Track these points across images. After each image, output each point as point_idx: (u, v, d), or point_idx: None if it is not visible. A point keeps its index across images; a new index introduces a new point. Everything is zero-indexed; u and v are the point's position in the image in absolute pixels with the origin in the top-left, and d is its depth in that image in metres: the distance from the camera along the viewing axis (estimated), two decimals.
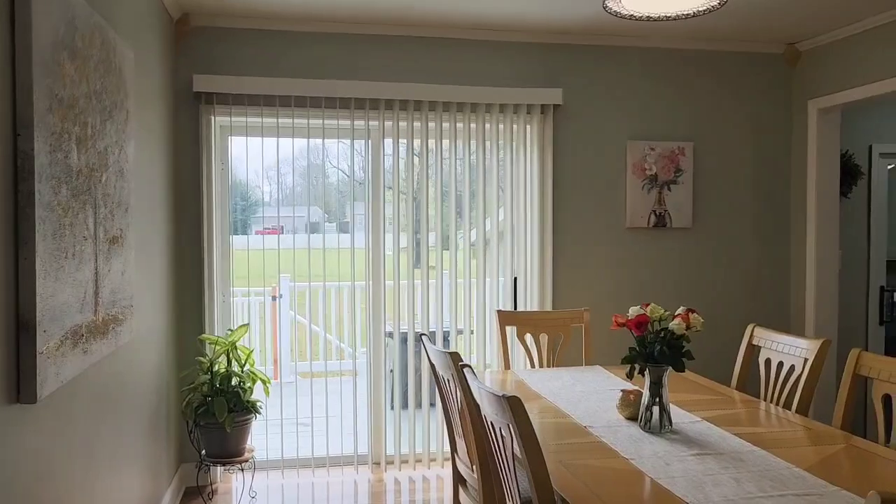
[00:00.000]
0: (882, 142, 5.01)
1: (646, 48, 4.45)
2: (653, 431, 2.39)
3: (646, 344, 2.40)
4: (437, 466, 4.34)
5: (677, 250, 4.55)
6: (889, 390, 2.39)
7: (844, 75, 4.26)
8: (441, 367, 2.73)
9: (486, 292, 4.35)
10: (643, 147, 4.46)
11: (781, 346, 2.95)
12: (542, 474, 1.84)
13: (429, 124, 4.24)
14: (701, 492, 1.85)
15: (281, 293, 6.64)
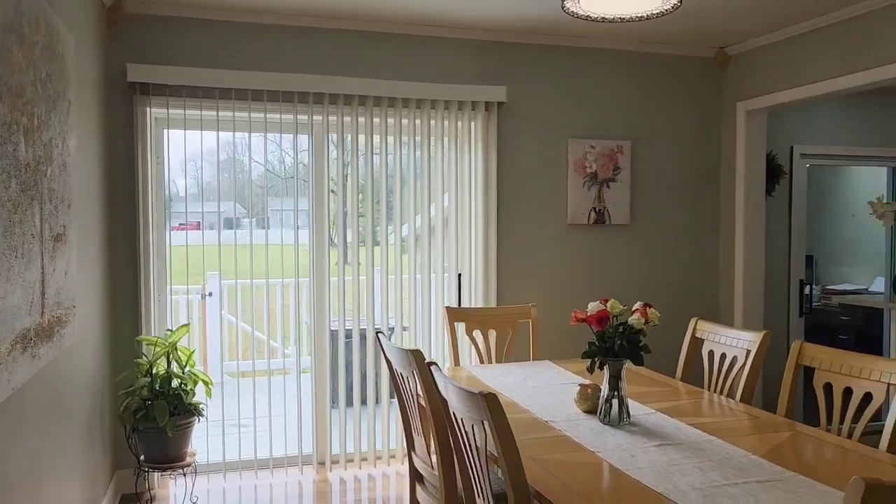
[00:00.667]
0: (802, 143, 5.28)
1: (586, 48, 4.54)
2: (612, 424, 2.45)
3: (605, 339, 2.45)
4: (383, 465, 4.32)
5: (616, 246, 4.67)
6: (830, 379, 2.52)
7: (770, 79, 4.46)
8: (400, 364, 2.71)
9: (431, 288, 4.35)
10: (584, 145, 4.55)
11: (724, 339, 3.07)
12: (517, 470, 1.86)
13: (374, 120, 4.19)
14: (669, 481, 1.91)
15: (210, 291, 6.46)
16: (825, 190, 6.84)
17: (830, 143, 5.39)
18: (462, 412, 2.07)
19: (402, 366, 2.68)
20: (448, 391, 2.14)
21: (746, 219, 4.70)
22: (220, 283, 6.34)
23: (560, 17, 4.04)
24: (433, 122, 4.30)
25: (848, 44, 3.91)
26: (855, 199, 6.94)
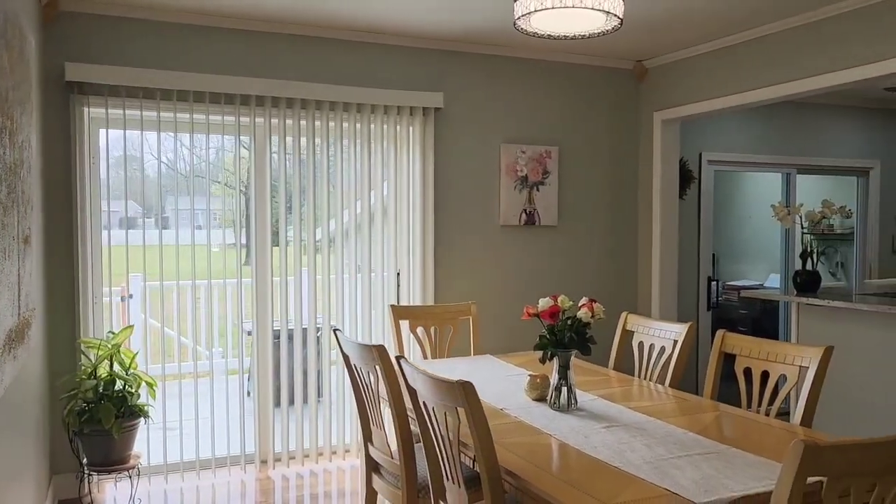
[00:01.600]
0: (710, 150, 5.73)
1: (518, 58, 4.78)
2: (562, 410, 2.67)
3: (556, 332, 2.67)
4: (325, 461, 4.40)
5: (545, 246, 4.93)
6: (749, 364, 2.84)
7: (683, 92, 4.84)
8: (359, 359, 2.84)
9: (371, 288, 4.47)
10: (516, 150, 4.79)
11: (653, 331, 3.36)
12: (490, 452, 2.04)
13: (315, 123, 4.28)
14: (623, 457, 2.13)
15: (131, 293, 6.33)
16: (727, 194, 7.39)
17: (733, 150, 5.88)
18: (434, 401, 2.22)
19: (363, 360, 2.81)
20: (419, 381, 2.29)
21: (662, 220, 5.08)
22: (143, 284, 6.24)
23: (494, 29, 4.26)
24: (373, 126, 4.42)
25: (751, 62, 4.32)
26: (752, 203, 7.54)
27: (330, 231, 4.41)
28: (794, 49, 4.05)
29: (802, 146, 6.23)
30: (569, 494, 1.88)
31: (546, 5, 2.59)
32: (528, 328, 4.61)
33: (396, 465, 2.76)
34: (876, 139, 6.65)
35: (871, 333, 3.73)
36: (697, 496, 1.82)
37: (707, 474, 1.97)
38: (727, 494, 1.83)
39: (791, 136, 6.18)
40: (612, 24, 2.72)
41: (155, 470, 4.05)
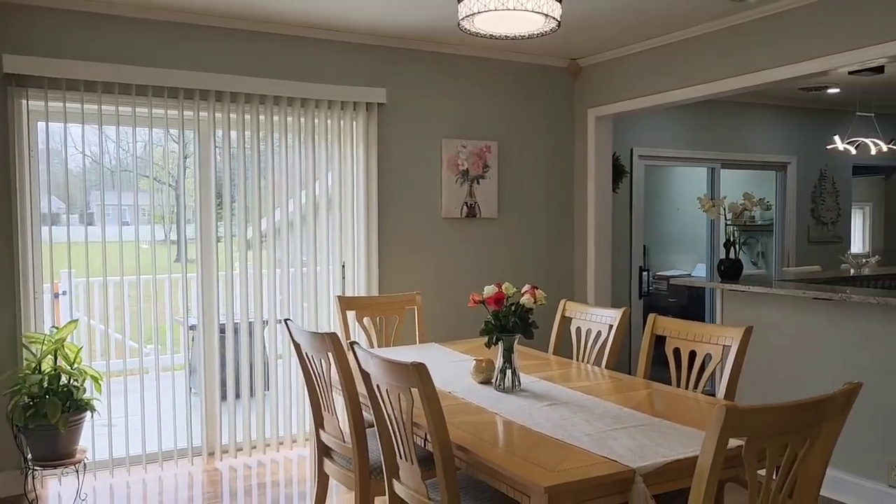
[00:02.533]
0: (640, 145, 6.00)
1: (459, 55, 4.91)
2: (507, 391, 2.82)
3: (500, 317, 2.81)
4: (273, 451, 4.46)
5: (486, 238, 5.10)
6: (678, 345, 3.05)
7: (615, 90, 5.07)
8: (311, 347, 2.92)
9: (316, 279, 4.53)
10: (456, 144, 4.93)
11: (590, 317, 3.55)
12: (443, 429, 2.17)
13: (259, 117, 4.31)
14: (565, 431, 2.30)
15: (64, 290, 6.20)
16: (657, 187, 7.72)
17: (662, 146, 6.17)
18: (387, 383, 2.34)
19: (315, 348, 2.89)
20: (372, 365, 2.40)
21: (597, 212, 5.31)
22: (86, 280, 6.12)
23: (436, 26, 4.38)
24: (317, 120, 4.48)
25: (678, 63, 4.57)
26: (679, 195, 7.90)
27: (275, 224, 4.46)
28: (717, 51, 4.31)
29: (726, 142, 6.59)
30: (517, 464, 2.03)
31: (489, 7, 2.72)
32: (471, 318, 4.77)
33: (348, 449, 2.86)
34: (792, 136, 7.07)
35: (788, 315, 4.03)
36: (633, 462, 1.99)
37: (641, 443, 2.15)
38: (660, 459, 2.00)
39: (715, 132, 6.52)
40: (551, 25, 2.88)
41: (101, 465, 4.03)
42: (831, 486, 3.76)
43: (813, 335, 3.90)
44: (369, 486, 2.80)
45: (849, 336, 3.72)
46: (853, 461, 3.67)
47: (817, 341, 3.87)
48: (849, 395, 1.87)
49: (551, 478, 1.90)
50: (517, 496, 2.01)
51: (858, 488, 3.67)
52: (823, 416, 1.84)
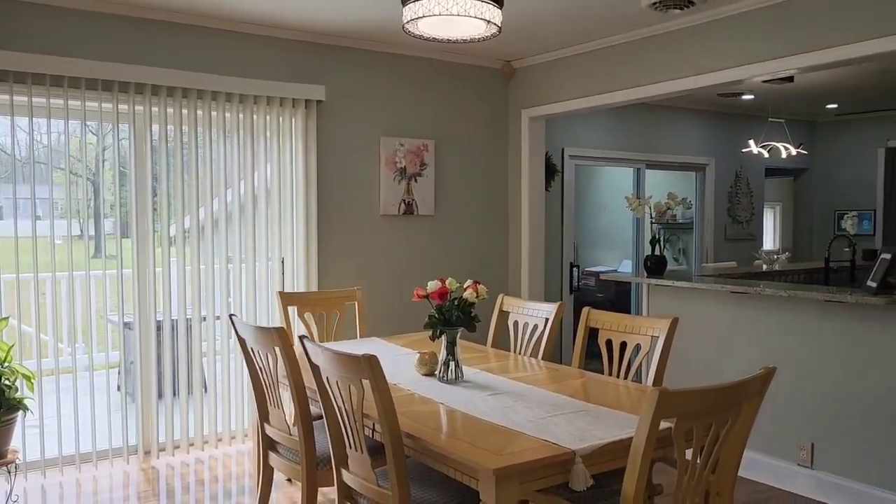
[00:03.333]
0: (571, 145, 6.22)
1: (397, 55, 4.99)
2: (450, 382, 2.93)
3: (444, 311, 2.92)
4: (211, 448, 4.44)
5: (423, 234, 5.20)
6: (610, 336, 3.23)
7: (547, 92, 5.26)
8: (257, 342, 2.95)
9: (255, 275, 4.54)
10: (394, 142, 5.01)
11: (526, 311, 3.70)
12: (392, 418, 2.26)
13: (197, 112, 4.29)
14: (508, 418, 2.43)
15: None
16: (586, 186, 8.00)
17: (592, 146, 6.41)
18: (338, 375, 2.41)
19: (261, 343, 2.93)
20: (322, 358, 2.46)
21: (530, 210, 5.48)
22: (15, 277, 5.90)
23: (375, 26, 4.45)
24: (255, 116, 4.48)
25: (607, 68, 4.78)
26: (606, 194, 8.20)
27: (212, 220, 4.44)
28: (643, 58, 4.54)
29: (650, 144, 6.89)
30: (465, 450, 2.14)
31: (434, 12, 2.82)
32: (410, 313, 4.88)
33: (295, 441, 2.92)
34: (711, 138, 7.46)
35: (708, 308, 4.29)
36: (573, 444, 2.13)
37: (579, 427, 2.30)
38: (597, 441, 2.15)
39: (641, 134, 6.82)
40: (492, 31, 3.00)
41: (32, 466, 3.93)
42: (746, 467, 4.04)
43: (730, 325, 4.17)
44: (315, 477, 2.87)
45: (762, 326, 4.00)
46: (765, 443, 3.95)
47: (734, 331, 4.15)
48: (765, 379, 2.06)
49: (498, 461, 2.02)
50: (465, 480, 2.12)
51: (771, 467, 3.96)
52: (743, 398, 2.02)
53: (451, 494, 2.45)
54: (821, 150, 8.50)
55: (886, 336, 3.45)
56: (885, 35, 3.39)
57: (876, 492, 3.51)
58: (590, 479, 2.07)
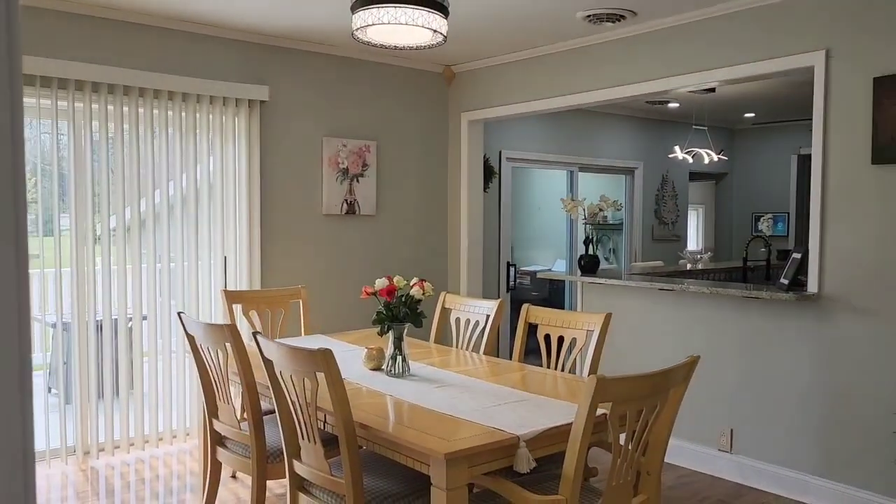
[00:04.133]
0: (509, 148, 6.42)
1: (340, 57, 5.07)
2: (398, 376, 3.05)
3: (391, 307, 3.04)
4: (152, 447, 4.43)
5: (365, 234, 5.29)
6: (548, 331, 3.41)
7: (486, 96, 5.44)
8: (207, 338, 3.01)
9: (198, 273, 4.54)
10: (337, 143, 5.09)
11: (468, 308, 3.86)
12: (346, 409, 2.37)
13: (139, 110, 4.27)
14: (455, 408, 2.57)
15: None
16: (523, 188, 8.23)
17: (528, 149, 6.63)
18: (291, 369, 2.50)
19: (211, 340, 2.98)
20: (276, 353, 2.54)
21: (469, 211, 5.65)
22: None
23: (319, 28, 4.52)
24: (199, 115, 4.49)
25: (542, 75, 4.98)
26: (541, 196, 8.46)
27: (154, 219, 4.42)
28: (577, 67, 4.76)
29: (584, 147, 7.17)
30: (416, 437, 2.27)
31: (382, 21, 2.94)
32: (353, 311, 4.98)
33: (245, 436, 2.99)
34: (640, 143, 7.80)
35: (637, 304, 4.54)
36: (517, 430, 2.29)
37: (522, 415, 2.46)
38: (539, 427, 2.32)
39: (575, 138, 7.08)
40: (438, 39, 3.14)
41: None
42: (672, 453, 4.30)
43: (658, 320, 4.43)
44: (265, 469, 2.94)
45: (687, 321, 4.27)
46: (689, 431, 4.22)
47: (661, 325, 4.41)
48: (689, 366, 2.27)
49: (448, 446, 2.15)
50: (417, 465, 2.25)
51: (694, 453, 4.23)
52: (670, 384, 2.22)
53: (402, 482, 2.57)
54: (740, 156, 8.99)
55: (797, 329, 3.76)
56: (791, 54, 3.69)
57: (789, 473, 3.81)
58: (533, 462, 2.23)
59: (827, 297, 3.62)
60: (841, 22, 3.52)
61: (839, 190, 3.57)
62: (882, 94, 3.35)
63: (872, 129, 3.41)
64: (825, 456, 3.67)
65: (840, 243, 3.57)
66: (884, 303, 3.42)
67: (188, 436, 4.55)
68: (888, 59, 3.36)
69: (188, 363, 4.48)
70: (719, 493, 3.89)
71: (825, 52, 3.58)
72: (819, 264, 3.64)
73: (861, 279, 3.50)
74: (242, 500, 3.72)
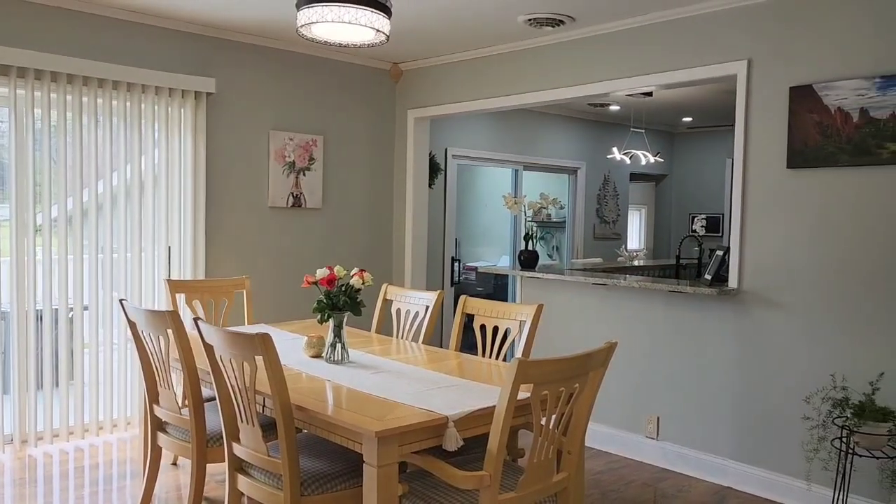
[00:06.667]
0: (454, 146, 6.56)
1: (288, 51, 5.13)
2: (337, 363, 3.15)
3: (332, 296, 3.14)
4: (92, 436, 4.43)
5: (311, 227, 5.37)
6: (484, 321, 3.56)
7: (433, 94, 5.56)
8: (149, 324, 3.05)
9: (141, 262, 4.55)
10: (284, 137, 5.15)
11: (408, 299, 3.98)
12: (284, 392, 2.46)
13: (83, 99, 4.26)
14: (389, 392, 2.68)
15: None
16: (468, 185, 8.39)
17: (473, 147, 6.78)
18: (231, 353, 2.58)
19: (153, 326, 3.03)
20: (216, 338, 2.62)
21: (414, 206, 5.77)
22: None
23: (266, 22, 4.58)
24: (144, 105, 4.50)
25: (488, 75, 5.13)
26: (486, 193, 8.63)
27: (97, 208, 4.41)
28: (521, 68, 4.92)
29: (528, 147, 7.36)
30: (350, 417, 2.38)
31: (326, 19, 3.03)
32: (297, 302, 5.07)
33: (184, 420, 3.05)
34: (583, 144, 8.03)
35: (574, 298, 4.74)
36: (446, 411, 2.42)
37: (453, 398, 2.59)
38: (468, 408, 2.45)
39: (520, 137, 7.27)
40: (380, 39, 3.24)
41: None
42: (601, 440, 4.51)
43: (592, 313, 4.63)
44: (206, 452, 3.01)
45: (618, 313, 4.48)
46: (619, 419, 4.43)
47: (595, 318, 4.61)
48: (608, 351, 2.43)
49: (380, 425, 2.27)
50: (351, 444, 2.36)
51: (623, 440, 4.44)
52: (590, 367, 2.38)
53: (337, 462, 2.68)
54: (678, 158, 9.33)
55: (718, 322, 3.99)
56: (718, 62, 3.92)
57: (709, 457, 4.04)
58: (461, 441, 2.37)
59: (746, 291, 3.85)
60: (763, 34, 3.76)
61: (758, 192, 3.80)
62: (797, 103, 3.60)
63: (788, 136, 3.65)
64: (741, 441, 3.91)
65: (758, 242, 3.81)
66: (796, 297, 3.67)
67: (129, 425, 4.56)
68: (803, 70, 3.61)
69: (130, 353, 4.49)
70: (645, 478, 4.10)
71: (748, 61, 3.81)
72: (739, 261, 3.87)
73: (776, 275, 3.74)
74: (182, 486, 3.77)
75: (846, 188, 3.49)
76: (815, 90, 3.53)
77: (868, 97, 3.36)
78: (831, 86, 3.48)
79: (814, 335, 3.61)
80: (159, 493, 3.66)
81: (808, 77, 3.59)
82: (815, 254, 3.60)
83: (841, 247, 3.52)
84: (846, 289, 3.50)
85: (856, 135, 3.41)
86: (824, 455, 3.51)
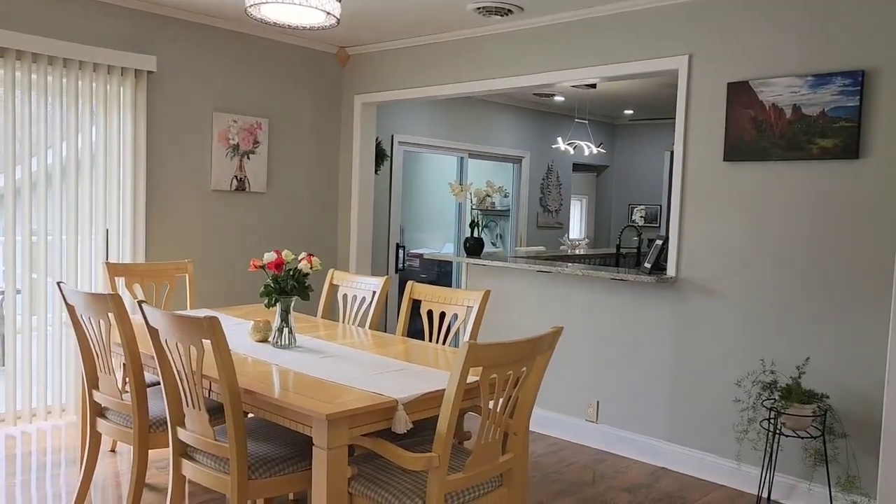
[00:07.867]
0: (401, 132, 6.55)
1: (233, 31, 5.03)
2: (284, 347, 3.14)
3: (279, 280, 3.12)
4: (25, 423, 4.29)
5: (255, 211, 5.29)
6: (431, 307, 3.59)
7: (380, 80, 5.54)
8: (89, 308, 2.97)
9: (77, 245, 4.42)
10: (228, 119, 5.06)
11: (355, 284, 3.98)
12: (232, 375, 2.45)
13: (16, 74, 4.09)
14: (340, 376, 2.69)
15: None
16: (414, 172, 8.39)
17: (420, 134, 6.79)
18: (177, 337, 2.54)
19: (93, 309, 2.96)
20: (161, 321, 2.58)
21: (360, 192, 5.75)
22: None
23: (211, 0, 4.48)
24: (81, 82, 4.35)
25: (434, 62, 5.15)
26: (431, 180, 8.66)
27: (30, 188, 4.26)
28: (467, 56, 4.95)
29: (474, 135, 7.41)
30: (299, 400, 2.38)
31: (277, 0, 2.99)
32: (241, 287, 5.00)
33: (125, 406, 2.99)
34: (527, 133, 8.13)
35: (518, 285, 4.82)
36: (396, 394, 2.44)
37: (402, 382, 2.62)
38: (418, 392, 2.48)
39: (466, 125, 7.31)
40: (331, 22, 3.22)
41: None
42: (543, 424, 4.62)
43: (536, 300, 4.72)
44: (148, 437, 2.96)
45: (562, 300, 4.58)
46: (560, 403, 4.54)
47: (539, 304, 4.70)
48: (554, 336, 2.50)
49: (330, 408, 2.28)
50: (300, 428, 2.36)
51: (565, 424, 4.56)
52: (537, 351, 2.44)
53: (286, 446, 2.68)
54: (619, 149, 9.54)
55: (657, 308, 4.12)
56: (661, 56, 4.03)
57: (645, 439, 4.19)
58: (410, 424, 2.40)
59: (683, 280, 3.99)
60: (704, 30, 3.88)
61: (696, 184, 3.94)
62: (734, 98, 3.73)
63: (725, 129, 3.79)
64: (675, 423, 4.06)
65: (695, 232, 3.95)
66: (730, 286, 3.82)
67: (63, 412, 4.44)
68: (740, 67, 3.74)
69: (65, 339, 4.36)
70: (584, 460, 4.22)
71: (689, 56, 3.93)
72: (677, 251, 4.01)
73: (711, 265, 3.89)
74: (122, 473, 3.70)
75: (778, 182, 3.65)
76: (752, 86, 3.67)
77: (801, 94, 3.52)
78: (767, 82, 3.62)
79: (746, 322, 3.78)
80: (97, 480, 3.58)
81: (745, 73, 3.73)
82: (749, 245, 3.76)
83: (772, 238, 3.68)
84: (777, 278, 3.67)
85: (788, 130, 3.56)
86: (753, 436, 3.68)
